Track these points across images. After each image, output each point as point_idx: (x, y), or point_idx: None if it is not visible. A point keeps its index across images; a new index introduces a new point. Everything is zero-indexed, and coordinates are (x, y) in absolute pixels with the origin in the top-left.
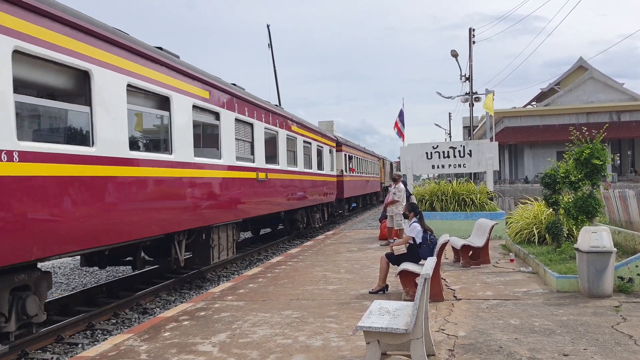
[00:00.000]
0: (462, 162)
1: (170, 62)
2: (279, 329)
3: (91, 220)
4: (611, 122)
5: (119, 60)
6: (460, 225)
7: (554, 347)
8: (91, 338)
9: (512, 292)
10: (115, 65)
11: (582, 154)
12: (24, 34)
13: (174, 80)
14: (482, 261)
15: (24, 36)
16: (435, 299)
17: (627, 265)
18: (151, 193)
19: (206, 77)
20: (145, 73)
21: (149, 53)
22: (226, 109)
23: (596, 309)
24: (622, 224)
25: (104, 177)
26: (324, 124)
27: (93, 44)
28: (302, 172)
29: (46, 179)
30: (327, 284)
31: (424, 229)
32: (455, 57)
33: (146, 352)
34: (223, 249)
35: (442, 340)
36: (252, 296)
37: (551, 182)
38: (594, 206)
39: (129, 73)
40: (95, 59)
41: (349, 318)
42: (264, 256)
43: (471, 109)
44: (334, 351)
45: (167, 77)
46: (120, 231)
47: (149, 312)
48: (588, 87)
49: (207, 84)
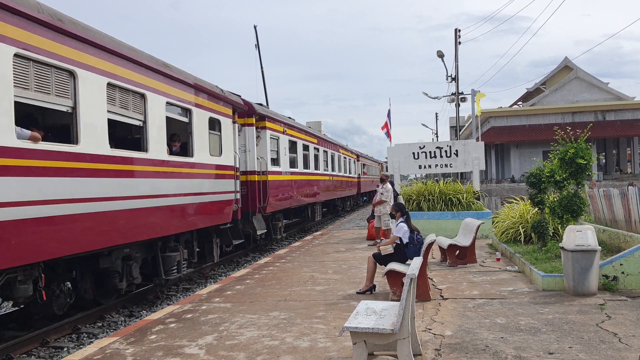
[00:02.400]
0: (449, 162)
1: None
2: (266, 330)
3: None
4: (596, 122)
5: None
6: (447, 225)
7: (540, 345)
8: (77, 341)
9: (499, 291)
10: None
11: (566, 153)
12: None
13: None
14: (469, 260)
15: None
16: (422, 298)
17: (612, 264)
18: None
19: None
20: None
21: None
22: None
23: (581, 307)
24: (607, 223)
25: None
26: (312, 124)
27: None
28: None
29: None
30: (315, 284)
31: (410, 229)
32: (441, 57)
33: (132, 355)
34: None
35: (429, 339)
36: (239, 298)
37: (536, 181)
38: (579, 205)
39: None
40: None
41: (336, 319)
42: (251, 257)
43: (457, 109)
44: (321, 352)
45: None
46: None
47: (135, 315)
48: (573, 86)
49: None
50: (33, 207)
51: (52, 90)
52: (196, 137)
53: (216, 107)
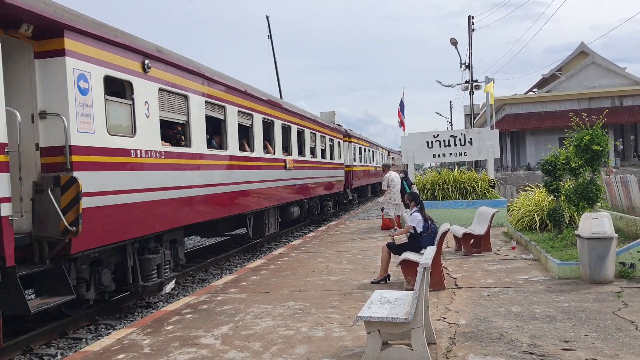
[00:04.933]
0: (463, 151)
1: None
2: (281, 320)
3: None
4: (613, 107)
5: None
6: (461, 214)
7: (555, 333)
8: (95, 333)
9: (514, 279)
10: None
11: (582, 140)
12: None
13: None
14: (484, 249)
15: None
16: (437, 287)
17: (628, 251)
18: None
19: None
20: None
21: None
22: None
23: (597, 295)
24: (623, 210)
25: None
26: (325, 114)
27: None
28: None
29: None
30: (330, 274)
31: (424, 218)
32: (454, 45)
33: (149, 345)
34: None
35: (443, 328)
36: (254, 288)
37: (552, 168)
38: (595, 192)
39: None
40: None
41: (350, 308)
42: (266, 248)
43: (471, 96)
44: (336, 341)
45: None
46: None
47: (152, 306)
48: (590, 72)
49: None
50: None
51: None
52: (332, 150)
53: (337, 135)
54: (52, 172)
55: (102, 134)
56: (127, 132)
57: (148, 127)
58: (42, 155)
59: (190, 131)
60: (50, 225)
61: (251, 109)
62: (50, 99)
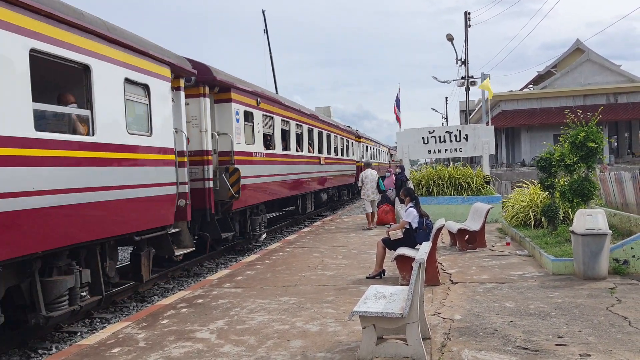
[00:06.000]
0: (459, 147)
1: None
2: (277, 315)
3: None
4: (608, 104)
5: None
6: (456, 210)
7: (549, 329)
8: (90, 327)
9: (508, 275)
10: None
11: (577, 137)
12: None
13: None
14: (478, 245)
15: None
16: (432, 282)
17: (622, 247)
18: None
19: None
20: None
21: None
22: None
23: (591, 291)
24: (618, 206)
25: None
26: (321, 109)
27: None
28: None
29: None
30: (325, 269)
31: (420, 214)
32: (451, 41)
33: (144, 339)
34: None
35: (438, 323)
36: (249, 283)
37: (547, 165)
38: (589, 189)
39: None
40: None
41: (346, 303)
42: (261, 242)
43: (467, 93)
44: (331, 336)
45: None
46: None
47: (147, 301)
48: (585, 69)
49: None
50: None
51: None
52: (347, 148)
53: (350, 136)
54: (224, 165)
55: (243, 144)
56: (250, 142)
57: (258, 138)
58: (219, 156)
59: (274, 139)
60: (224, 193)
61: (302, 122)
62: (223, 125)
